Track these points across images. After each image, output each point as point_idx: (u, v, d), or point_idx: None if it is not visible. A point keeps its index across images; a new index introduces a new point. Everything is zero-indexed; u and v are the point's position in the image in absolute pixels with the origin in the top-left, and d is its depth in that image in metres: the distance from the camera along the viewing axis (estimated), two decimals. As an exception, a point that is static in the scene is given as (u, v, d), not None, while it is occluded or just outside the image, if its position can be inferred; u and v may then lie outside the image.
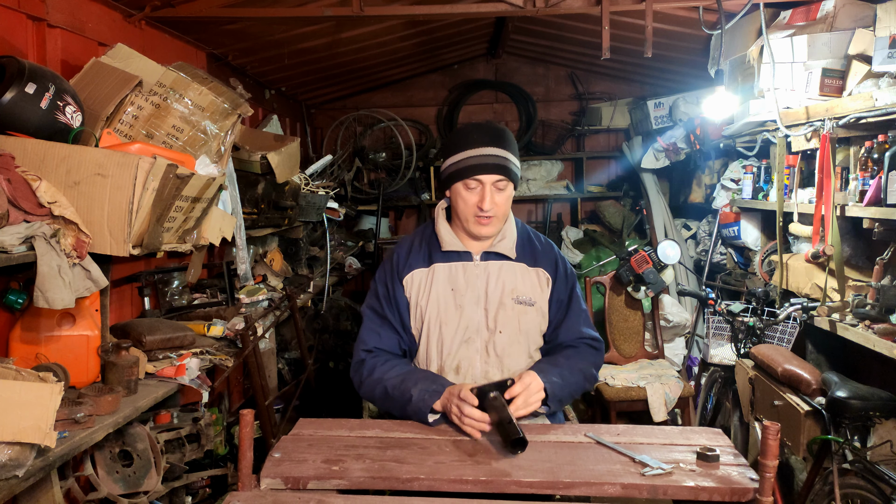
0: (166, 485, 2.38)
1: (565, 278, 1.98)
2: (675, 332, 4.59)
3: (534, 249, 1.98)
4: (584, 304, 2.02)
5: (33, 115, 1.93)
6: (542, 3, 3.08)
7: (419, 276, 1.93)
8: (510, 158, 1.88)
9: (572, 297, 1.98)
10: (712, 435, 1.65)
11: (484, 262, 1.92)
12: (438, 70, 5.90)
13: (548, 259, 1.98)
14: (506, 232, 1.95)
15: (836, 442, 2.50)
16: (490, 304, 1.89)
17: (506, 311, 1.89)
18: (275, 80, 4.62)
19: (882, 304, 2.70)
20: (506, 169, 1.86)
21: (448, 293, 1.90)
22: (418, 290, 1.92)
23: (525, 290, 1.92)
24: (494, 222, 1.89)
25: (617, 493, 1.39)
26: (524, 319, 1.90)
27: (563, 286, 1.97)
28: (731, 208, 4.30)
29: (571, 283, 1.99)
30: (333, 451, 1.56)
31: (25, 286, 2.06)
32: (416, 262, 1.94)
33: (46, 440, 1.59)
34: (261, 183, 3.37)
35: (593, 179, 5.93)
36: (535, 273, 1.94)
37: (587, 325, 1.99)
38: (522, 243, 1.97)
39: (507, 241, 1.94)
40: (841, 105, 2.86)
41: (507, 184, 1.88)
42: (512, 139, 1.93)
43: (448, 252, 1.93)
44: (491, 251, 1.93)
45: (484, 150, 1.85)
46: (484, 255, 1.93)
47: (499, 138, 1.88)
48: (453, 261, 1.93)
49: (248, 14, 3.04)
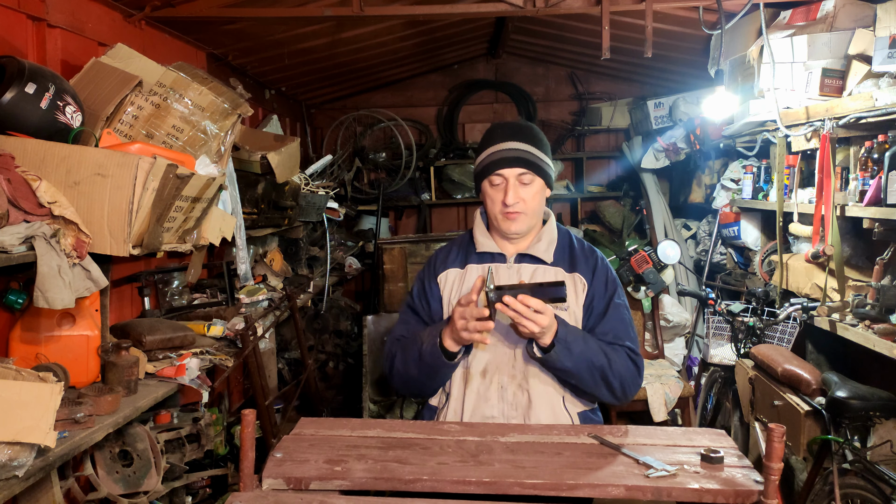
0: (166, 485, 2.37)
1: (604, 285, 1.89)
2: (675, 332, 4.59)
3: (573, 255, 1.91)
4: (627, 316, 1.90)
5: (33, 115, 1.93)
6: (542, 3, 3.08)
7: (453, 276, 1.91)
8: (533, 152, 1.83)
9: (611, 304, 1.88)
10: (716, 436, 1.64)
11: (518, 264, 1.88)
12: (438, 70, 5.89)
13: (587, 265, 1.90)
14: (542, 235, 1.90)
15: (836, 442, 2.51)
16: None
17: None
18: (275, 80, 4.61)
19: (882, 304, 2.70)
20: (528, 162, 1.82)
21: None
22: (451, 289, 1.90)
23: None
24: (522, 219, 1.84)
25: (621, 495, 1.39)
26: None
27: (601, 293, 1.88)
28: (731, 208, 4.30)
29: (612, 292, 1.89)
30: (335, 451, 1.56)
31: (25, 286, 2.06)
32: (452, 263, 1.93)
33: (46, 440, 1.59)
34: (261, 183, 3.37)
35: (593, 179, 5.93)
36: (572, 278, 1.87)
37: (627, 335, 1.86)
38: (562, 248, 1.91)
39: (543, 243, 1.89)
40: (841, 105, 2.86)
41: (534, 178, 1.83)
42: (539, 135, 1.89)
43: (482, 254, 1.90)
44: (526, 253, 1.88)
45: (504, 145, 1.83)
46: (518, 258, 1.89)
47: (520, 132, 1.86)
48: (487, 262, 1.89)
49: (248, 14, 3.04)
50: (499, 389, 1.81)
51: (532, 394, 1.80)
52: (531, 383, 1.80)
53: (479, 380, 1.83)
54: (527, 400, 1.80)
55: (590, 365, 1.75)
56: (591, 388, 1.79)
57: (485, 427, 1.72)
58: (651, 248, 4.09)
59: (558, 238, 1.93)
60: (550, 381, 1.81)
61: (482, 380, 1.83)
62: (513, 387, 1.81)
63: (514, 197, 1.82)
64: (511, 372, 1.82)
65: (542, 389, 1.81)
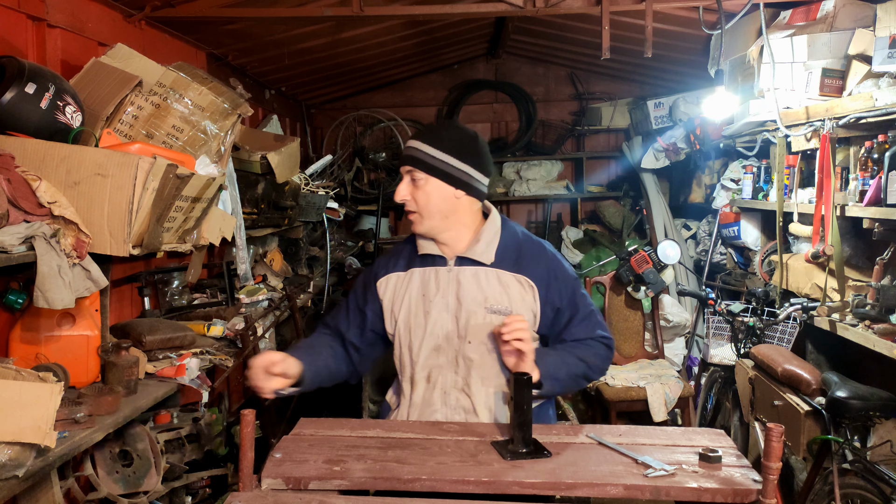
0: (166, 485, 2.37)
1: (561, 282, 1.85)
2: (675, 332, 4.60)
3: (519, 255, 1.85)
4: (591, 305, 1.90)
5: (33, 115, 1.93)
6: (542, 3, 3.08)
7: (395, 280, 1.88)
8: (431, 153, 1.78)
9: (575, 300, 1.85)
10: (714, 436, 1.65)
11: (457, 267, 1.83)
12: (438, 70, 5.89)
13: (535, 264, 1.84)
14: (481, 235, 1.84)
15: (836, 442, 2.50)
16: (461, 312, 1.79)
17: (476, 320, 1.79)
18: (275, 80, 4.61)
19: (882, 304, 2.70)
20: (417, 160, 1.79)
21: (419, 299, 1.83)
22: (393, 293, 1.87)
23: (500, 298, 1.80)
24: (416, 218, 1.82)
25: (619, 495, 1.39)
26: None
27: (558, 291, 1.84)
28: (731, 208, 4.30)
29: (572, 287, 1.86)
30: (335, 452, 1.56)
31: (25, 286, 2.06)
32: (396, 266, 1.90)
33: (46, 440, 1.59)
34: (261, 183, 3.37)
35: (593, 179, 5.92)
36: (517, 280, 1.81)
37: (597, 325, 1.87)
38: (505, 248, 1.85)
39: (481, 244, 1.82)
40: (841, 105, 2.86)
41: (427, 178, 1.78)
42: (456, 139, 1.82)
43: (425, 256, 1.86)
44: (465, 256, 1.83)
45: (408, 143, 1.84)
46: (458, 261, 1.83)
47: (428, 134, 1.83)
48: (429, 266, 1.85)
49: (248, 14, 3.04)
50: (442, 395, 1.81)
51: (474, 399, 1.80)
52: (473, 389, 1.80)
53: (424, 385, 1.83)
54: (469, 404, 1.80)
55: (575, 379, 1.80)
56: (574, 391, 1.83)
57: (484, 427, 1.72)
58: (651, 248, 4.10)
59: (502, 236, 1.86)
60: (493, 384, 1.80)
61: (427, 385, 1.83)
62: (455, 392, 1.81)
63: (400, 194, 1.81)
64: (454, 378, 1.81)
65: (484, 393, 1.80)
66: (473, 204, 1.86)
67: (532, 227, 6.01)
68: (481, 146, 1.87)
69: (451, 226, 1.84)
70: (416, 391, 1.84)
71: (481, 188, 1.86)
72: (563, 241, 5.64)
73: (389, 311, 1.88)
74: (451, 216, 1.82)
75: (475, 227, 1.87)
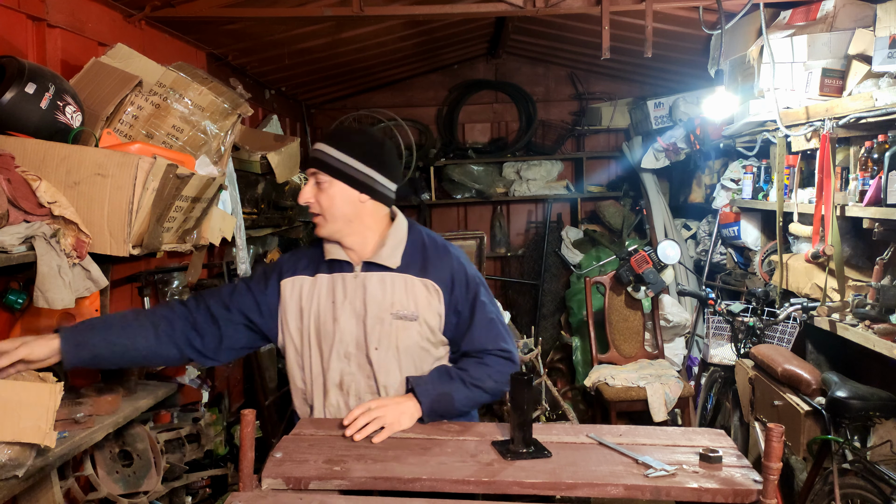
0: (166, 485, 2.38)
1: (465, 287, 1.82)
2: (675, 332, 4.60)
3: (425, 258, 1.83)
4: (493, 313, 1.85)
5: (33, 115, 1.93)
6: (542, 3, 3.08)
7: (301, 283, 1.84)
8: (337, 156, 1.76)
9: (475, 306, 1.82)
10: (715, 436, 1.65)
11: (364, 273, 1.81)
12: (438, 70, 5.89)
13: (440, 268, 1.82)
14: (387, 239, 1.82)
15: (836, 442, 2.51)
16: (368, 319, 1.78)
17: (383, 327, 1.77)
18: (275, 80, 4.61)
19: (882, 304, 2.70)
20: (322, 163, 1.76)
21: (328, 305, 1.80)
22: (298, 295, 1.83)
23: (407, 303, 1.78)
24: (321, 221, 1.79)
25: (620, 495, 1.39)
26: (403, 336, 1.78)
27: (461, 296, 1.82)
28: (731, 208, 4.30)
29: (473, 292, 1.83)
30: (335, 451, 1.56)
31: (25, 286, 2.06)
32: (303, 270, 1.85)
33: (46, 440, 1.59)
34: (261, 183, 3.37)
35: (593, 179, 5.93)
36: (423, 284, 1.80)
37: (498, 336, 1.83)
38: (412, 252, 1.83)
39: (387, 248, 1.81)
40: (841, 105, 2.86)
41: (331, 181, 1.76)
42: (362, 143, 1.80)
43: (332, 262, 1.83)
44: (372, 261, 1.81)
45: (315, 146, 1.82)
46: (365, 266, 1.81)
47: (335, 137, 1.80)
48: (336, 271, 1.82)
49: (248, 14, 3.04)
50: (357, 400, 1.80)
51: None
52: (386, 393, 1.79)
53: (337, 392, 1.81)
54: None
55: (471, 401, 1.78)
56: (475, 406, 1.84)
57: (484, 427, 1.72)
58: (651, 248, 4.10)
59: (408, 241, 1.85)
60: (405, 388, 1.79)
61: (340, 392, 1.81)
62: (369, 396, 1.80)
63: (304, 196, 1.79)
64: (366, 383, 1.80)
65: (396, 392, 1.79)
66: (379, 209, 1.84)
67: (532, 227, 6.01)
68: (388, 152, 1.86)
69: (355, 230, 1.81)
70: (329, 399, 1.81)
71: (388, 193, 1.84)
72: (563, 241, 5.64)
73: (290, 312, 1.83)
74: (356, 220, 1.80)
75: (381, 232, 1.85)
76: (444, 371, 1.81)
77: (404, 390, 1.79)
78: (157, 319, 1.80)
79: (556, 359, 5.34)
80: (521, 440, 1.54)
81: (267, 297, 1.85)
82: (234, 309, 1.84)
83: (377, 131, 1.92)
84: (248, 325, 1.86)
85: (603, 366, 4.14)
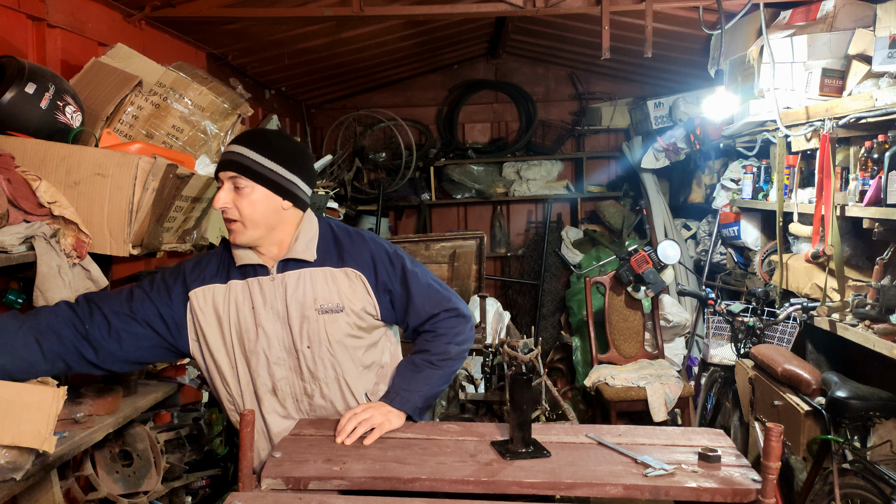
0: (166, 485, 2.37)
1: (389, 265, 1.79)
2: (675, 332, 4.60)
3: (340, 248, 1.78)
4: (426, 277, 1.82)
5: (33, 115, 1.93)
6: (542, 3, 3.08)
7: (212, 293, 1.75)
8: (256, 159, 1.67)
9: (407, 278, 1.79)
10: (714, 436, 1.64)
11: (281, 273, 1.74)
12: (438, 70, 5.89)
13: (358, 254, 1.78)
14: (299, 234, 1.76)
15: (836, 442, 2.50)
16: (293, 320, 1.73)
17: (310, 324, 1.73)
18: (275, 80, 4.62)
19: (882, 304, 2.70)
20: (241, 166, 1.66)
21: (248, 312, 1.73)
22: (213, 306, 1.74)
23: (329, 296, 1.74)
24: (239, 228, 1.69)
25: (619, 494, 1.39)
26: (332, 329, 1.73)
27: (388, 274, 1.78)
28: (731, 208, 4.30)
29: (400, 266, 1.79)
30: (334, 451, 1.56)
31: (25, 286, 2.06)
32: (211, 277, 1.76)
33: (45, 445, 1.57)
34: (261, 183, 3.37)
35: (593, 179, 5.93)
36: (344, 274, 1.76)
37: (441, 298, 1.81)
38: (325, 244, 1.78)
39: (301, 243, 1.75)
40: (841, 105, 2.86)
41: (253, 185, 1.67)
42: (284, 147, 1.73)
43: (244, 267, 1.75)
44: (287, 258, 1.74)
45: (229, 148, 1.71)
46: (281, 266, 1.75)
47: (254, 139, 1.71)
48: (250, 276, 1.75)
49: (248, 14, 3.04)
50: (295, 403, 1.78)
51: (333, 399, 1.78)
52: (326, 390, 1.77)
53: (272, 398, 1.77)
54: (327, 404, 1.78)
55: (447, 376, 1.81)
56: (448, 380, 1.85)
57: (484, 427, 1.72)
58: (651, 248, 4.10)
59: (320, 233, 1.80)
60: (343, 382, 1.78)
61: (274, 397, 1.78)
62: (306, 397, 1.78)
63: (221, 201, 1.68)
64: (301, 384, 1.78)
65: (339, 393, 1.78)
66: (297, 214, 1.78)
67: (532, 227, 6.01)
68: (308, 157, 1.83)
69: (274, 237, 1.74)
70: (265, 405, 1.77)
71: (307, 199, 1.79)
72: (562, 241, 5.64)
73: (215, 327, 1.75)
74: (277, 227, 1.73)
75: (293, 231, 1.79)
76: (408, 365, 1.82)
77: (344, 383, 1.77)
78: (41, 332, 1.64)
79: (556, 359, 5.34)
80: (521, 440, 1.54)
81: (172, 309, 1.74)
82: (138, 319, 1.72)
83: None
84: (151, 337, 1.74)
85: (603, 366, 4.14)
